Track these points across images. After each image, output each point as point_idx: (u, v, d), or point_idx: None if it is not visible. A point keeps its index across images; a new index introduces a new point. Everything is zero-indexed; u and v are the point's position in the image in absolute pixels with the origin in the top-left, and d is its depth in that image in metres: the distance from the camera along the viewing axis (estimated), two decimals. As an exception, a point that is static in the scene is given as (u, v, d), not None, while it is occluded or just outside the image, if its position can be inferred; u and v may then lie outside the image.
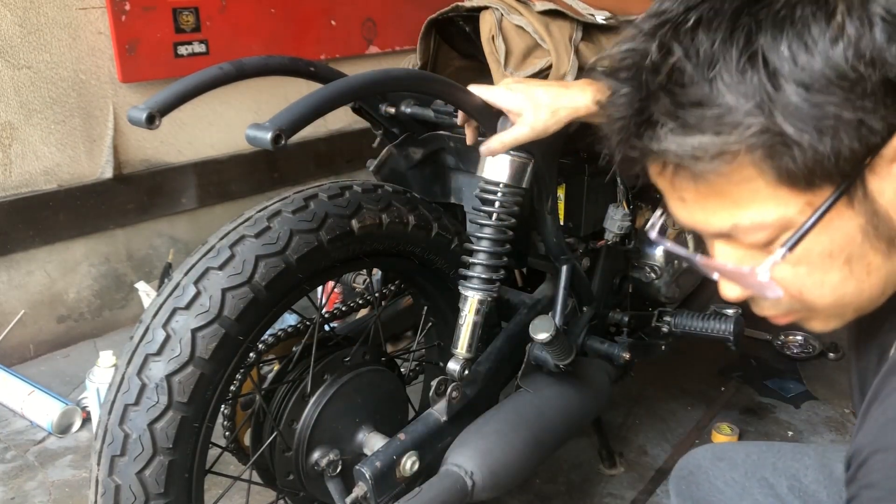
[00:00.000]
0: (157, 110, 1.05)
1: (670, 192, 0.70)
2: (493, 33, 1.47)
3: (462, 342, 1.26)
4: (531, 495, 1.78)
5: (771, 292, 0.70)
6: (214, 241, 1.16)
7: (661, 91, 0.64)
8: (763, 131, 0.61)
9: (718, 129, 0.62)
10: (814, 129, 0.61)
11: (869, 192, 0.65)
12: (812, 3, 0.60)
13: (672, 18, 0.64)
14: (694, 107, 0.63)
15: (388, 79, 1.15)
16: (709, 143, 0.63)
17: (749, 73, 0.61)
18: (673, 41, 0.64)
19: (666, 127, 0.64)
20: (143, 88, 2.48)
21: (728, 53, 0.61)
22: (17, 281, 2.36)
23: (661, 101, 0.64)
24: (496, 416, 1.31)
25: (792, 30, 0.60)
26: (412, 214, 1.32)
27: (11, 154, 2.28)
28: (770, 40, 0.61)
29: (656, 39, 0.65)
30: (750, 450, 1.13)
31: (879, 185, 0.65)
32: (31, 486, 1.85)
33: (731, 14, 0.62)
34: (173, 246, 2.69)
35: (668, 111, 0.64)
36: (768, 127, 0.61)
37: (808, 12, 0.60)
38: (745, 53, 0.61)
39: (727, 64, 0.61)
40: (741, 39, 0.61)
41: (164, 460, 1.08)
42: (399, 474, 1.24)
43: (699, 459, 1.15)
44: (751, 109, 0.61)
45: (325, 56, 2.96)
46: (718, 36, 0.62)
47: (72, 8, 2.31)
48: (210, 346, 1.09)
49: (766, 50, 0.61)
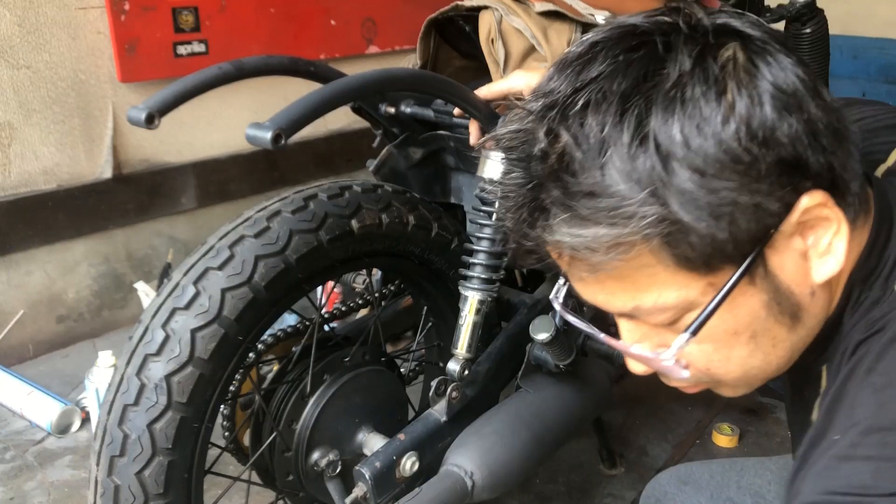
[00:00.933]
0: (157, 110, 1.04)
1: (570, 273, 0.68)
2: (493, 35, 1.46)
3: (462, 342, 1.26)
4: (531, 495, 1.78)
5: (676, 375, 0.69)
6: (214, 241, 1.16)
7: (550, 180, 0.61)
8: (659, 220, 0.59)
9: (612, 220, 0.59)
10: (710, 216, 0.59)
11: (770, 269, 0.64)
12: (702, 81, 0.58)
13: (559, 101, 0.62)
14: (586, 197, 0.60)
15: (388, 78, 1.14)
16: (603, 235, 0.60)
17: (641, 158, 0.58)
18: (561, 126, 0.61)
19: (559, 217, 0.61)
20: (143, 88, 2.48)
21: (619, 138, 0.58)
22: (16, 281, 2.36)
23: (552, 190, 0.61)
24: (496, 417, 1.31)
25: (683, 111, 0.58)
26: (412, 214, 1.32)
27: (11, 154, 2.28)
28: (661, 122, 0.58)
29: (544, 124, 0.62)
30: (713, 469, 1.14)
31: (779, 260, 0.64)
32: (31, 487, 1.85)
33: (621, 96, 0.59)
34: (172, 246, 2.69)
35: (559, 201, 0.61)
36: (664, 216, 0.59)
37: (699, 92, 0.58)
38: (636, 138, 0.58)
39: (618, 149, 0.58)
40: (631, 122, 0.58)
41: (164, 461, 1.08)
42: (399, 475, 1.23)
43: (664, 486, 1.15)
44: (645, 198, 0.58)
45: (324, 56, 2.96)
46: (608, 119, 0.59)
47: (71, 8, 2.31)
48: (209, 347, 1.09)
49: (657, 133, 0.58)
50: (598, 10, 1.53)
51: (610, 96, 0.59)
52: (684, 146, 0.58)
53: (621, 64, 0.60)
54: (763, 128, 0.59)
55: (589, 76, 0.61)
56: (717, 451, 1.96)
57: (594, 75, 0.61)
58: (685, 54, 0.59)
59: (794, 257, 0.64)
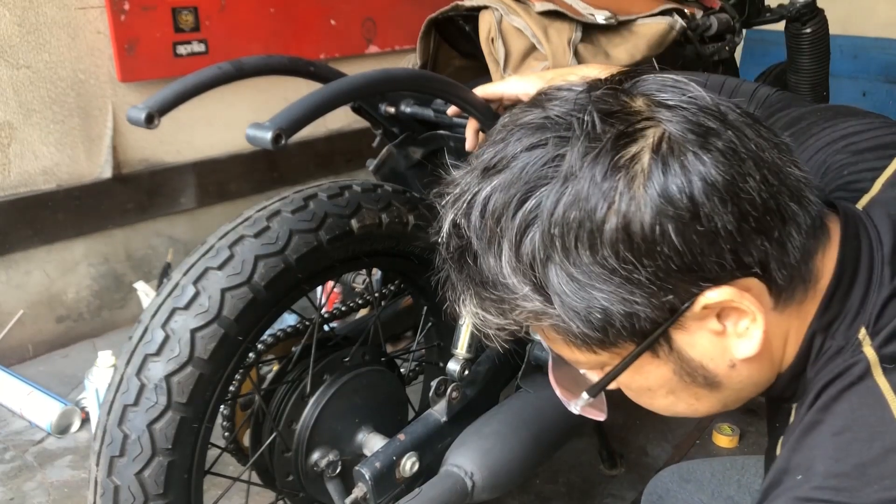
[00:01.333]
0: (156, 110, 1.04)
1: None
2: (493, 35, 1.46)
3: (462, 342, 1.26)
4: (531, 495, 1.78)
5: (590, 415, 0.75)
6: (213, 240, 1.15)
7: (455, 263, 0.66)
8: (540, 314, 0.63)
9: (501, 309, 0.65)
10: (582, 320, 0.62)
11: (676, 346, 0.65)
12: (592, 185, 0.59)
13: (466, 190, 0.64)
14: (480, 284, 0.65)
15: (387, 78, 1.14)
16: (497, 321, 0.65)
17: (526, 254, 0.61)
18: (463, 217, 0.64)
19: (465, 295, 0.67)
20: (143, 88, 2.48)
21: (509, 232, 0.61)
22: (15, 281, 2.36)
23: (457, 272, 0.67)
24: (496, 417, 1.31)
25: (566, 216, 0.60)
26: (412, 214, 1.32)
27: (10, 154, 2.28)
28: (546, 223, 0.61)
29: (451, 213, 0.66)
30: (715, 467, 1.14)
31: (689, 339, 0.65)
32: (30, 487, 1.85)
33: (520, 191, 0.61)
34: (172, 246, 2.69)
35: (462, 282, 0.66)
36: (544, 311, 0.62)
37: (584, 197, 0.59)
38: (525, 234, 0.61)
39: (508, 243, 0.62)
40: (523, 217, 0.61)
41: (164, 461, 1.08)
42: (399, 475, 1.23)
43: (666, 483, 1.16)
44: (528, 293, 0.62)
45: (324, 55, 2.96)
46: (504, 213, 0.62)
47: (71, 7, 2.31)
48: (209, 347, 1.09)
49: (542, 232, 0.61)
50: (598, 10, 1.53)
51: (511, 190, 0.62)
52: (563, 251, 0.60)
53: (525, 157, 0.62)
54: (644, 241, 0.59)
55: (495, 166, 0.63)
56: (717, 451, 1.96)
57: (500, 166, 0.63)
58: (584, 155, 0.60)
59: (707, 336, 0.65)
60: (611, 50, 1.48)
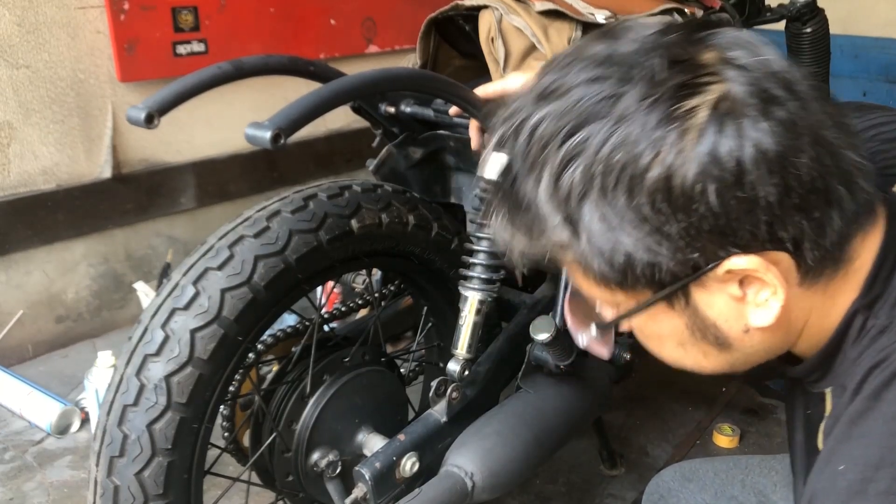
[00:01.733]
0: (156, 110, 1.04)
1: None
2: (493, 34, 1.46)
3: (462, 343, 1.26)
4: (531, 496, 1.78)
5: (595, 351, 0.75)
6: (213, 241, 1.15)
7: (496, 183, 0.67)
8: (565, 247, 0.63)
9: (530, 233, 0.65)
10: (606, 262, 0.62)
11: (692, 303, 0.65)
12: (643, 132, 0.58)
13: (519, 111, 0.65)
14: (516, 206, 0.65)
15: (387, 78, 1.14)
16: (523, 244, 0.66)
17: (565, 186, 0.61)
18: (512, 137, 0.65)
19: (501, 210, 0.68)
20: (142, 88, 2.48)
21: (553, 160, 0.61)
22: (15, 281, 2.36)
23: (500, 187, 0.67)
24: (496, 417, 1.31)
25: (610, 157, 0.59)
26: (412, 214, 1.32)
27: (10, 154, 2.28)
28: (590, 159, 0.60)
29: (500, 132, 0.66)
30: (718, 467, 1.13)
31: (708, 298, 0.64)
32: (30, 487, 1.85)
33: (571, 122, 0.61)
34: (172, 246, 2.69)
35: (501, 198, 0.67)
36: (570, 244, 0.63)
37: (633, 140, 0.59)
38: (568, 166, 0.61)
39: (550, 170, 0.61)
40: (569, 150, 0.61)
41: (163, 461, 1.08)
42: (399, 475, 1.23)
43: (668, 482, 1.15)
44: (559, 223, 0.62)
45: (324, 55, 2.96)
46: (552, 142, 0.61)
47: (70, 7, 2.31)
48: (209, 347, 1.09)
49: (584, 168, 0.60)
50: (598, 10, 1.52)
51: (562, 119, 0.61)
52: (601, 191, 0.60)
53: (583, 90, 0.61)
54: (683, 196, 0.58)
55: (552, 93, 0.63)
56: (717, 451, 1.96)
57: (556, 94, 0.63)
58: (641, 99, 0.59)
59: (725, 298, 0.64)
60: (611, 50, 1.48)
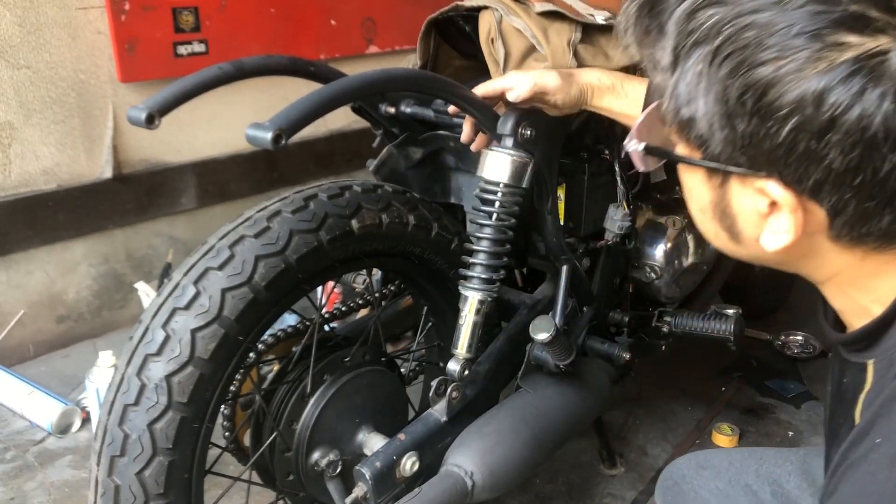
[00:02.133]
0: (157, 110, 1.04)
1: None
2: (493, 35, 1.46)
3: (462, 342, 1.26)
4: (531, 495, 1.78)
5: (633, 159, 0.76)
6: (214, 241, 1.16)
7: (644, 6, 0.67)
8: (658, 68, 0.65)
9: (644, 40, 0.67)
10: (677, 108, 0.64)
11: (727, 189, 0.66)
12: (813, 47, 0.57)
13: None
14: (648, 13, 0.66)
15: (388, 78, 1.14)
16: (629, 43, 0.69)
17: (698, 31, 0.61)
18: None
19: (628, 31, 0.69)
20: (143, 88, 2.48)
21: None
22: (16, 281, 2.36)
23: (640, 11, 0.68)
24: (496, 417, 1.31)
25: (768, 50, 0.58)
26: (412, 214, 1.32)
27: (11, 154, 2.28)
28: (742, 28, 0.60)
29: None
30: (733, 457, 1.13)
31: (740, 192, 0.66)
32: (31, 487, 1.85)
33: None
34: (172, 246, 2.69)
35: (639, 21, 0.68)
36: (663, 69, 0.65)
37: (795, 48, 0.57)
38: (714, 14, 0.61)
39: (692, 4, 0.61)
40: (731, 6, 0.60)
41: (164, 461, 1.08)
42: (399, 475, 1.23)
43: (683, 469, 1.15)
44: (668, 53, 0.64)
45: (324, 56, 2.96)
46: None
47: (71, 8, 2.31)
48: (210, 347, 1.09)
49: (733, 34, 0.60)
50: (598, 10, 1.53)
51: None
52: (715, 50, 0.60)
53: None
54: (768, 108, 0.58)
55: None
56: (717, 451, 1.96)
57: None
58: (806, 4, 0.57)
59: (753, 205, 0.65)
60: (611, 51, 1.48)
